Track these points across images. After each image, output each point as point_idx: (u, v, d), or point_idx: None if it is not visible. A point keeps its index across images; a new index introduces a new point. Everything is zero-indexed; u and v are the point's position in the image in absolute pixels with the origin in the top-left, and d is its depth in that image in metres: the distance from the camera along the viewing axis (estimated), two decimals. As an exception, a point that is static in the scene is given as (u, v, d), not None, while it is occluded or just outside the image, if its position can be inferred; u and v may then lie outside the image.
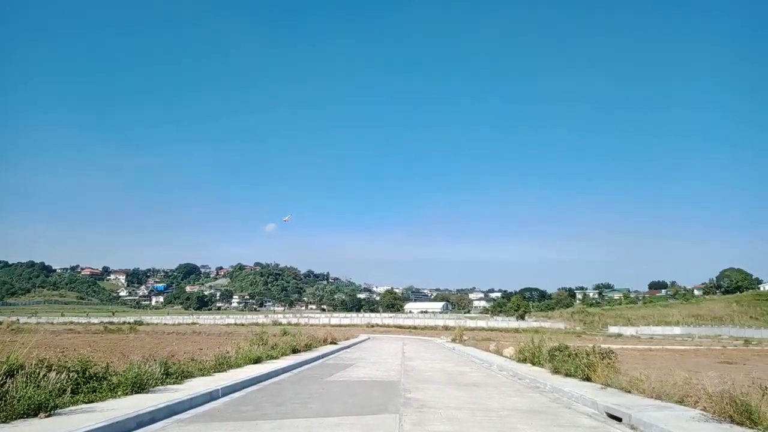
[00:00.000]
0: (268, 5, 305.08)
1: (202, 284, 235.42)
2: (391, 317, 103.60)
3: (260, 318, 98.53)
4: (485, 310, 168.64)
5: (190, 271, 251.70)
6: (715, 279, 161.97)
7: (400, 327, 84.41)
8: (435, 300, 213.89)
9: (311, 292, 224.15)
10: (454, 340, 40.60)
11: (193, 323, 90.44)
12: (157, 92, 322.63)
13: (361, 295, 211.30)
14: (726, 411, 7.76)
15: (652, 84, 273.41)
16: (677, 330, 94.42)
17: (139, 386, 9.70)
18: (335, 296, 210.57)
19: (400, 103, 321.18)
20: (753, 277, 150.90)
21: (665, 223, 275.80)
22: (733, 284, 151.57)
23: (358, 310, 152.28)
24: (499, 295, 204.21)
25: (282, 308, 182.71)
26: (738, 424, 7.41)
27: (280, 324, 70.71)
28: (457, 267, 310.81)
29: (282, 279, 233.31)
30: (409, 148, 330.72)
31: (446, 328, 74.97)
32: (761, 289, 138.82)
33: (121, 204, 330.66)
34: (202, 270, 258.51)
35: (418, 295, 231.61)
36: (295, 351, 21.85)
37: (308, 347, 24.36)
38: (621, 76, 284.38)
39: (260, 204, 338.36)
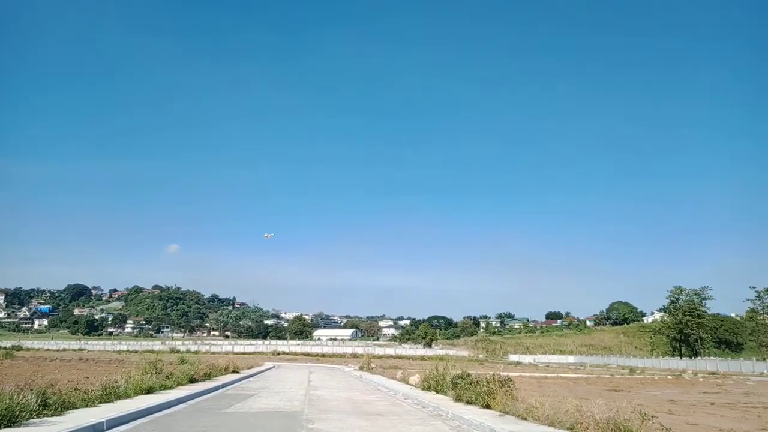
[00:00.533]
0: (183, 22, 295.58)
1: (93, 307, 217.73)
2: (298, 344, 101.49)
3: (156, 345, 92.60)
4: (394, 338, 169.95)
5: (79, 293, 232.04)
6: (605, 311, 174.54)
7: (308, 355, 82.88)
8: (345, 327, 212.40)
9: (215, 317, 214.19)
10: (361, 368, 40.39)
11: (81, 349, 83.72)
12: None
13: (269, 321, 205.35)
14: (610, 436, 8.30)
15: (538, 123, 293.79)
16: (571, 359, 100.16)
17: (9, 419, 8.76)
18: (241, 322, 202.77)
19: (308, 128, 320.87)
20: (638, 310, 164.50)
21: (562, 256, 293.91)
22: (621, 316, 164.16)
23: (264, 337, 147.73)
24: (408, 322, 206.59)
25: (182, 335, 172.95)
26: (620, 448, 7.93)
27: (179, 351, 67.02)
28: (368, 294, 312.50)
29: (183, 303, 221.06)
30: (317, 173, 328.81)
31: (354, 355, 74.63)
32: (645, 321, 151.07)
33: (2, 216, 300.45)
34: (94, 292, 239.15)
35: (327, 322, 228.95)
36: (192, 381, 20.73)
37: (208, 376, 23.21)
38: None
39: (163, 224, 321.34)
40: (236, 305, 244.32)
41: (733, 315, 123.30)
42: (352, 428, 10.78)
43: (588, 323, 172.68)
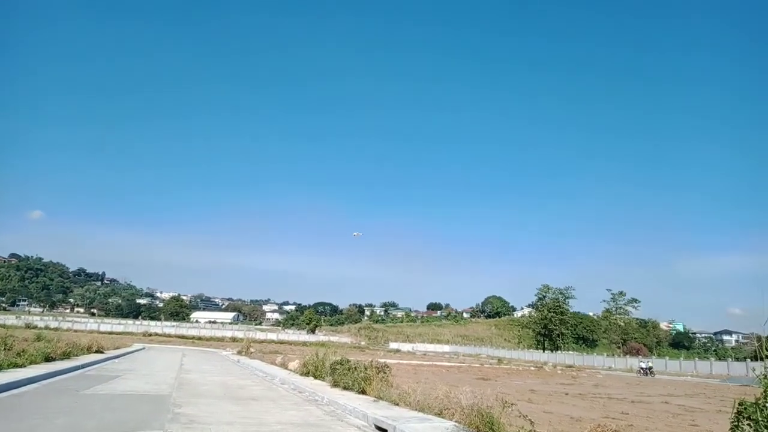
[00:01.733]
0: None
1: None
2: (174, 326, 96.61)
3: (10, 319, 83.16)
4: (278, 323, 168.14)
5: None
6: (480, 304, 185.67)
7: (184, 337, 79.24)
8: (226, 310, 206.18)
9: (80, 293, 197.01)
10: (240, 353, 39.37)
11: None
12: None
13: (142, 301, 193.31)
14: (474, 422, 8.75)
15: (458, 119, 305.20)
16: (447, 348, 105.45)
17: None
18: (110, 300, 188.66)
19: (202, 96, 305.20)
20: (510, 305, 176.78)
21: (446, 251, 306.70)
22: (494, 310, 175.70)
23: (136, 317, 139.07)
24: (293, 308, 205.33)
25: (41, 310, 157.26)
26: (482, 433, 8.39)
27: (36, 327, 60.96)
28: (253, 277, 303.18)
29: (45, 275, 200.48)
30: (202, 148, 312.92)
31: (234, 339, 72.62)
32: (515, 315, 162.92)
33: None
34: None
35: (207, 304, 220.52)
36: (49, 359, 18.86)
37: (67, 355, 21.25)
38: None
39: (24, 187, 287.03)
40: (106, 281, 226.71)
41: (590, 314, 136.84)
42: (223, 413, 10.41)
43: (465, 315, 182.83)
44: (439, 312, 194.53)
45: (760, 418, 4.41)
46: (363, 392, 13.73)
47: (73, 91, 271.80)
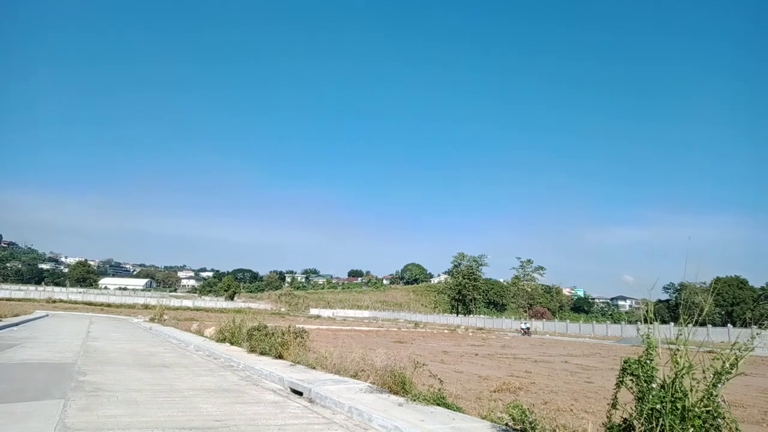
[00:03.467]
0: None
1: None
2: (80, 293, 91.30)
3: None
4: (194, 290, 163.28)
5: None
6: (400, 271, 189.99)
7: (91, 304, 75.18)
8: (138, 276, 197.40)
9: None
10: (152, 320, 37.95)
11: None
12: None
13: (45, 266, 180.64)
14: (387, 383, 9.05)
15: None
16: (366, 313, 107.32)
17: None
18: (8, 264, 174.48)
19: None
20: (427, 272, 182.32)
21: (367, 219, 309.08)
22: (413, 276, 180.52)
23: (38, 283, 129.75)
24: (210, 274, 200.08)
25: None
26: (395, 393, 8.69)
27: None
28: (167, 242, 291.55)
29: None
30: (116, 102, 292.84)
31: (147, 307, 69.80)
32: (432, 282, 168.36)
33: None
34: None
35: (118, 270, 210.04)
36: (-67, 329, 17.33)
37: (-45, 324, 19.61)
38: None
39: None
40: (2, 244, 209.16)
41: (501, 280, 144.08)
42: (132, 380, 10.08)
43: (385, 282, 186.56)
44: (359, 279, 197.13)
45: (641, 374, 4.89)
46: (280, 357, 13.75)
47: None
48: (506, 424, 6.33)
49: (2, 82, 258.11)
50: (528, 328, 61.87)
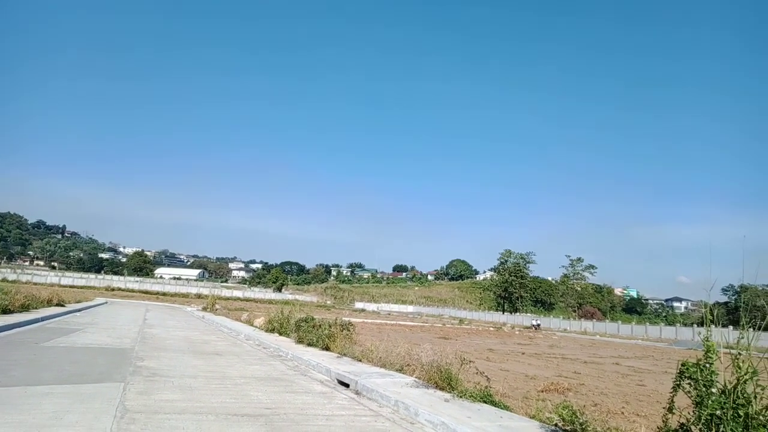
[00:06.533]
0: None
1: None
2: (137, 281, 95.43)
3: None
4: (244, 281, 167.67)
5: None
6: (445, 267, 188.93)
7: (147, 293, 78.50)
8: (192, 267, 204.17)
9: (40, 246, 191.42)
10: (205, 309, 39.29)
11: None
12: None
13: (104, 255, 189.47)
14: (433, 378, 9.04)
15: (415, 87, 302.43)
16: (411, 308, 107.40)
17: None
18: (71, 253, 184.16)
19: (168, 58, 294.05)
20: (473, 268, 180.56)
21: (413, 214, 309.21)
22: (458, 273, 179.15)
23: (98, 272, 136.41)
24: (260, 266, 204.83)
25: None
26: (441, 389, 8.68)
27: (-8, 280, 59.33)
28: (220, 234, 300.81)
29: (1, 227, 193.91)
30: (174, 100, 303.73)
31: (200, 296, 72.36)
32: (478, 278, 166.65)
33: None
34: None
35: (173, 260, 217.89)
36: (6, 311, 18.47)
37: (25, 308, 20.83)
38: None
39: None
40: (66, 234, 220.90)
41: (549, 278, 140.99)
42: (186, 366, 10.47)
43: (429, 277, 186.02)
44: (404, 274, 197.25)
45: (700, 378, 4.70)
46: (327, 349, 13.96)
47: (46, 37, 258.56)
48: (555, 425, 6.21)
49: (62, 83, 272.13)
50: (538, 324, 66.66)
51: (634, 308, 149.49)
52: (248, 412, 6.61)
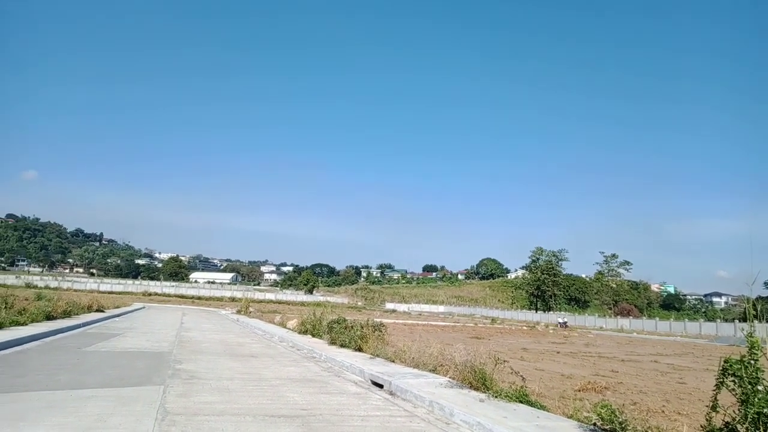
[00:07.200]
0: None
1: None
2: (173, 286, 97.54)
3: (10, 279, 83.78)
4: (276, 284, 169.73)
5: None
6: (475, 266, 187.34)
7: (183, 297, 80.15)
8: (225, 270, 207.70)
9: (79, 253, 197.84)
10: (239, 312, 39.94)
11: None
12: None
13: (141, 261, 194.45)
14: (467, 378, 8.98)
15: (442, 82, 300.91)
16: (441, 308, 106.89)
17: None
18: (109, 260, 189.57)
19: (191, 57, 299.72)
20: (504, 267, 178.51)
21: (442, 214, 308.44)
22: (488, 272, 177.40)
23: (135, 277, 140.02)
24: (291, 269, 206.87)
25: (40, 269, 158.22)
26: (475, 389, 8.61)
27: (36, 287, 61.47)
28: (251, 238, 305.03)
29: (42, 236, 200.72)
30: (200, 106, 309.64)
31: (233, 299, 73.47)
32: (509, 277, 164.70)
33: None
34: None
35: (206, 265, 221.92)
36: (50, 318, 19.15)
37: (67, 314, 21.55)
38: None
39: (17, 145, 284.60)
40: (104, 242, 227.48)
41: (583, 276, 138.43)
42: (223, 369, 10.66)
43: (459, 277, 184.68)
44: (434, 274, 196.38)
45: (744, 375, 4.55)
46: (359, 350, 14.02)
47: (73, 50, 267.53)
48: (594, 424, 6.09)
49: (103, 92, 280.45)
50: (565, 322, 64.91)
51: (671, 304, 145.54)
52: (285, 413, 6.69)
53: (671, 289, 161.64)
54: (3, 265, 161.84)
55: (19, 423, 5.43)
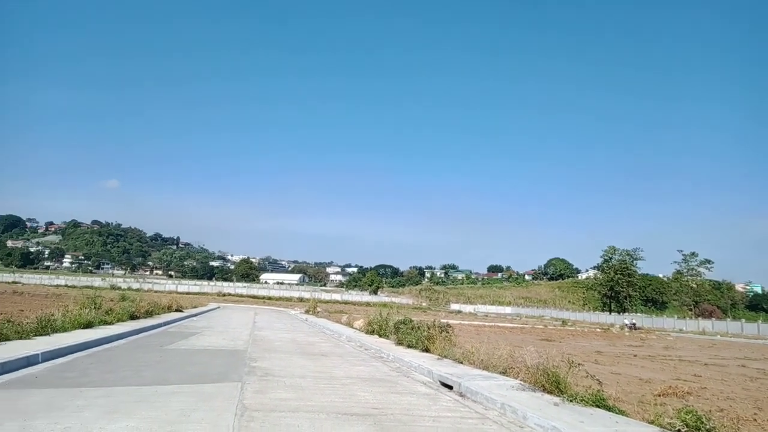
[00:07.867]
0: None
1: (28, 239, 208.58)
2: (245, 287, 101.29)
3: (96, 281, 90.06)
4: (341, 284, 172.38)
5: (12, 224, 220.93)
6: (543, 266, 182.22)
7: (255, 297, 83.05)
8: (292, 272, 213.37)
9: (158, 256, 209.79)
10: (307, 312, 40.90)
11: (15, 282, 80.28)
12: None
13: (215, 263, 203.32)
14: (540, 381, 8.76)
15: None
16: (508, 309, 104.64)
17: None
18: (185, 262, 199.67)
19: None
20: (573, 267, 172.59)
21: (507, 214, 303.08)
22: (557, 272, 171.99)
23: (210, 279, 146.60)
24: (355, 270, 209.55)
25: (123, 272, 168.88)
26: (548, 392, 8.39)
27: (119, 288, 65.54)
28: (317, 240, 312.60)
29: (124, 240, 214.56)
30: (268, 113, 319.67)
31: (301, 300, 75.33)
32: (579, 277, 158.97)
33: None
34: (28, 224, 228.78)
35: (275, 266, 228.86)
36: (133, 317, 20.38)
37: (149, 314, 22.85)
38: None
39: (101, 156, 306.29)
40: (180, 245, 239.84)
41: (660, 276, 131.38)
42: (295, 367, 10.97)
43: (526, 277, 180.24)
44: (499, 274, 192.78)
45: None
46: (426, 350, 14.00)
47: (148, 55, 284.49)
48: (678, 431, 5.79)
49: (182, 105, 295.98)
50: (634, 324, 61.20)
51: (759, 305, 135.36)
52: (357, 412, 6.80)
53: (758, 289, 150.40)
54: (90, 268, 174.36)
55: (114, 415, 5.84)
